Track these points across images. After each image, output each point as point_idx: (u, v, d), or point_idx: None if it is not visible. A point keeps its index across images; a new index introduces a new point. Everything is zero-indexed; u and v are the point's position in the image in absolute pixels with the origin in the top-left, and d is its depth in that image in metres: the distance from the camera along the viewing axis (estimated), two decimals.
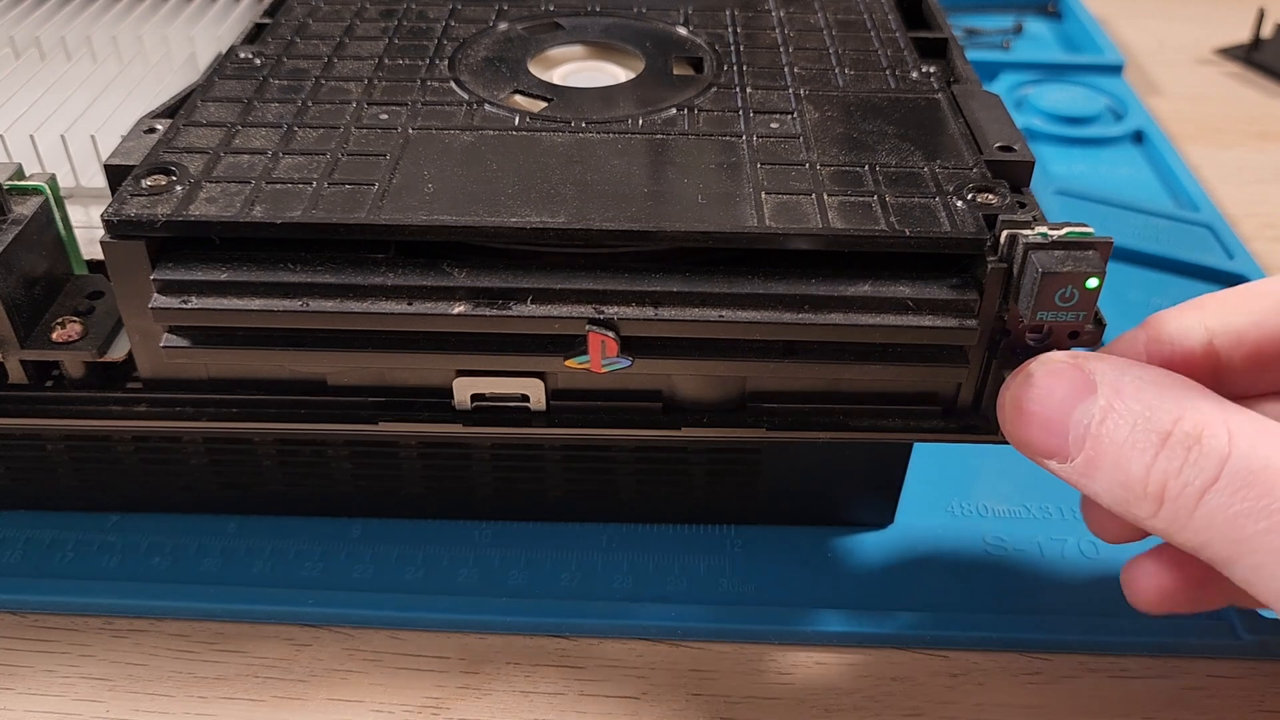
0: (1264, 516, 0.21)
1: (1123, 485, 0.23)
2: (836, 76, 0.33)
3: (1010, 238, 0.25)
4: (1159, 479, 0.23)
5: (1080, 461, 0.24)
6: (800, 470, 0.33)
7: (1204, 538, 0.22)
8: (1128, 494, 0.23)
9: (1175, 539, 0.23)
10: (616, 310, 0.26)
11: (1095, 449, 0.23)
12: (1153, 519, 0.23)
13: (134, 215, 0.25)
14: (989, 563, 0.34)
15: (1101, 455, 0.23)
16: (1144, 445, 0.23)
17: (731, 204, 0.27)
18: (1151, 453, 0.23)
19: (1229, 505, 0.22)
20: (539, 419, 0.29)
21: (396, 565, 0.34)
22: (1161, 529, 0.23)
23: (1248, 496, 0.22)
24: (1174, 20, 0.74)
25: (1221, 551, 0.22)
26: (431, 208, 0.26)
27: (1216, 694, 0.31)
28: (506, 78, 0.33)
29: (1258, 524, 0.21)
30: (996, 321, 0.26)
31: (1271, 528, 0.21)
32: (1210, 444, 0.22)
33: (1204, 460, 0.22)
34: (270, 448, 0.33)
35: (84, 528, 0.35)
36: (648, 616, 0.32)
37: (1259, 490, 0.21)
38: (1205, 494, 0.22)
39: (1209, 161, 0.56)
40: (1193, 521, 0.22)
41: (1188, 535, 0.23)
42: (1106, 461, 0.23)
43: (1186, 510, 0.22)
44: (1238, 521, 0.22)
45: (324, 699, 0.31)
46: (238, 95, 0.31)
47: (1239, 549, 0.22)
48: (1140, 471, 0.23)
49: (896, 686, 0.31)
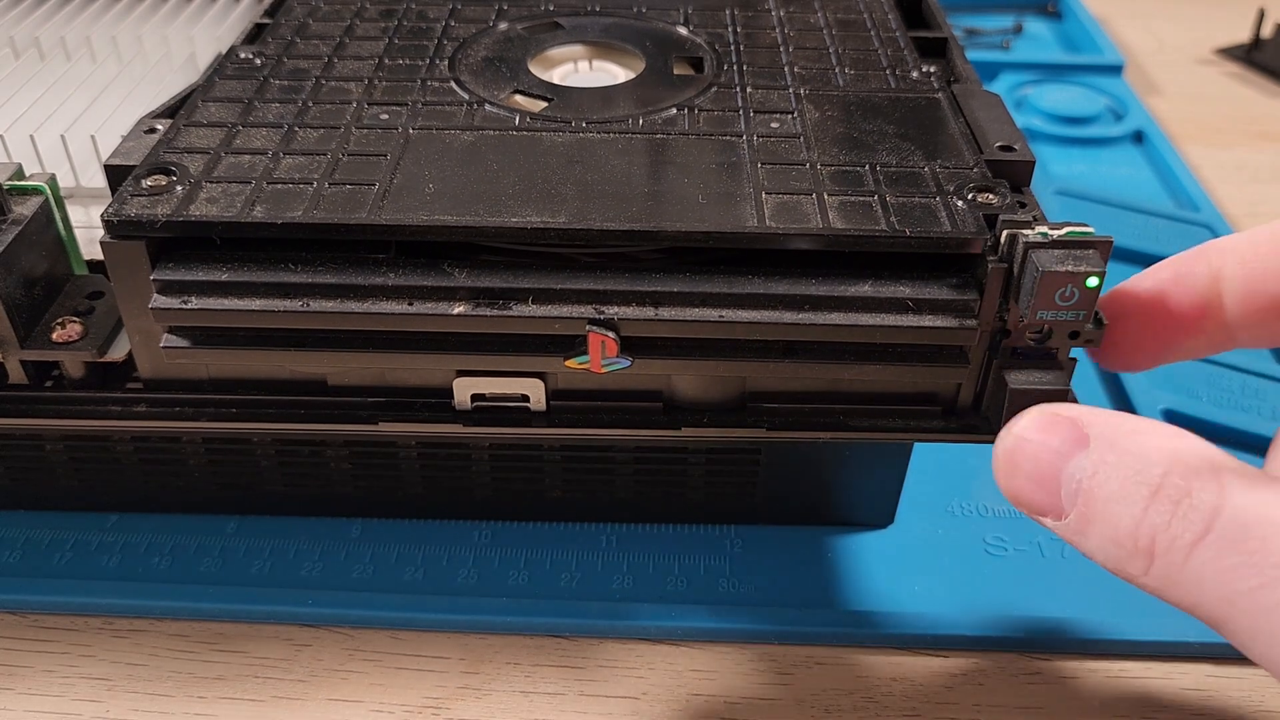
0: (1256, 573, 0.20)
1: (1114, 542, 0.22)
2: (836, 76, 0.33)
3: (1010, 237, 0.25)
4: (1148, 533, 0.21)
5: (1073, 519, 0.23)
6: (800, 470, 0.33)
7: (1195, 596, 0.21)
8: (1120, 550, 0.22)
9: (1169, 597, 0.22)
10: (616, 310, 0.26)
11: (1087, 505, 0.22)
12: (1145, 576, 0.22)
13: (134, 215, 0.25)
14: (989, 563, 0.34)
15: (1093, 511, 0.22)
16: (1134, 499, 0.22)
17: (732, 204, 0.27)
18: (1141, 506, 0.21)
19: (1219, 560, 0.20)
20: (539, 419, 0.29)
21: (396, 565, 0.34)
22: (1155, 587, 0.22)
23: (1240, 551, 0.20)
24: (1174, 20, 0.74)
25: (1214, 611, 0.21)
26: (432, 208, 0.26)
27: (1216, 695, 0.31)
28: (507, 78, 0.33)
29: (1249, 581, 0.20)
30: (997, 321, 0.26)
31: (1265, 584, 0.20)
32: (1201, 497, 0.21)
33: (1194, 513, 0.21)
34: (270, 448, 0.33)
35: (83, 528, 0.35)
36: (647, 617, 0.32)
37: (1251, 545, 0.20)
38: (1195, 548, 0.21)
39: (1209, 161, 0.56)
40: (1184, 578, 0.21)
41: (1180, 593, 0.21)
42: (1097, 517, 0.22)
43: (1177, 566, 0.21)
44: (1228, 577, 0.20)
45: (324, 699, 0.31)
46: (238, 95, 0.31)
47: (1231, 608, 0.20)
48: (1130, 526, 0.22)
49: (896, 687, 0.31)
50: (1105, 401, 0.40)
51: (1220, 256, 0.26)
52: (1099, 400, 0.40)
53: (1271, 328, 0.26)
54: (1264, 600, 0.20)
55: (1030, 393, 0.26)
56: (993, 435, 0.27)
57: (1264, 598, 0.20)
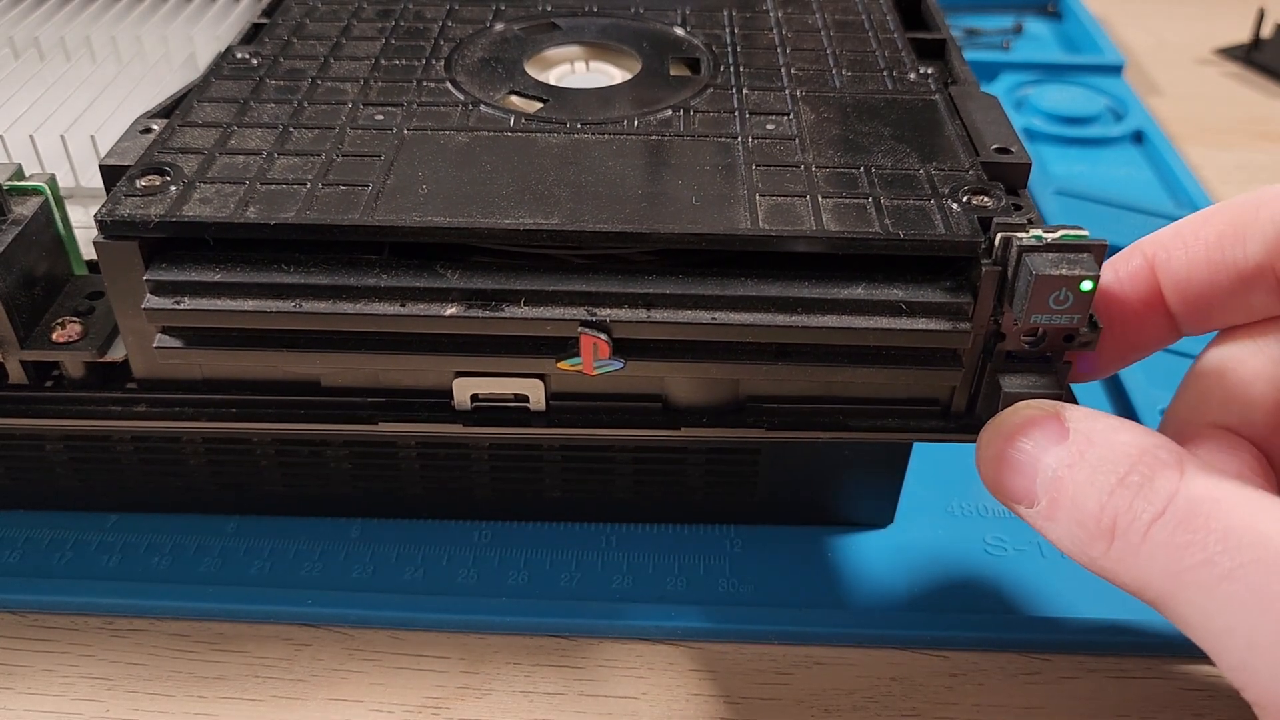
0: (1200, 549, 0.21)
1: (1079, 523, 0.23)
2: (833, 77, 0.33)
3: (1005, 240, 0.25)
4: (1111, 514, 0.23)
5: (1044, 505, 0.24)
6: (799, 470, 0.33)
7: (1146, 574, 0.22)
8: (1083, 532, 0.23)
9: (1123, 578, 0.23)
10: (609, 312, 0.26)
11: (1058, 492, 0.24)
12: (1104, 558, 0.23)
13: (127, 215, 0.26)
14: (988, 563, 0.34)
15: (1062, 497, 0.23)
16: (1101, 485, 0.23)
17: (726, 206, 0.27)
18: (1107, 491, 0.23)
19: (1171, 538, 0.22)
20: (538, 419, 0.29)
21: (396, 565, 0.34)
22: (1110, 568, 0.23)
23: (1188, 529, 0.22)
24: (1174, 20, 0.73)
25: (1161, 588, 0.22)
26: (425, 209, 0.26)
27: (1216, 695, 0.31)
28: (502, 78, 0.33)
29: (1194, 557, 0.21)
30: (991, 325, 0.26)
31: (1206, 560, 0.21)
32: (1160, 482, 0.22)
33: (1153, 495, 0.22)
34: (269, 448, 0.33)
35: (83, 528, 0.35)
36: (647, 617, 0.32)
37: (1197, 524, 0.22)
38: (1151, 527, 0.22)
39: (1209, 162, 0.56)
40: (1139, 556, 0.22)
41: (1134, 573, 0.23)
42: (1066, 502, 0.23)
43: (1134, 545, 0.22)
44: (1177, 555, 0.22)
45: (324, 699, 0.31)
46: (234, 96, 0.31)
47: (1175, 584, 0.22)
48: (1094, 509, 0.23)
49: (896, 687, 0.31)
50: (1105, 402, 0.40)
51: (1153, 249, 0.27)
52: (1099, 401, 0.40)
53: (1208, 314, 0.27)
54: (1204, 576, 0.21)
55: (1024, 396, 0.26)
56: None
57: (1204, 574, 0.21)
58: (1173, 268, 0.27)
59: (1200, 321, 0.28)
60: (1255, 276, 0.26)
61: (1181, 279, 0.27)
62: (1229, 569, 0.21)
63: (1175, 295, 0.27)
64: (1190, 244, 0.27)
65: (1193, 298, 0.27)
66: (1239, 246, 0.26)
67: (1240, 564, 0.21)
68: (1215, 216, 0.27)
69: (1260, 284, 0.26)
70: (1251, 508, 0.22)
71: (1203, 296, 0.27)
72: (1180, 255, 0.27)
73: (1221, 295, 0.27)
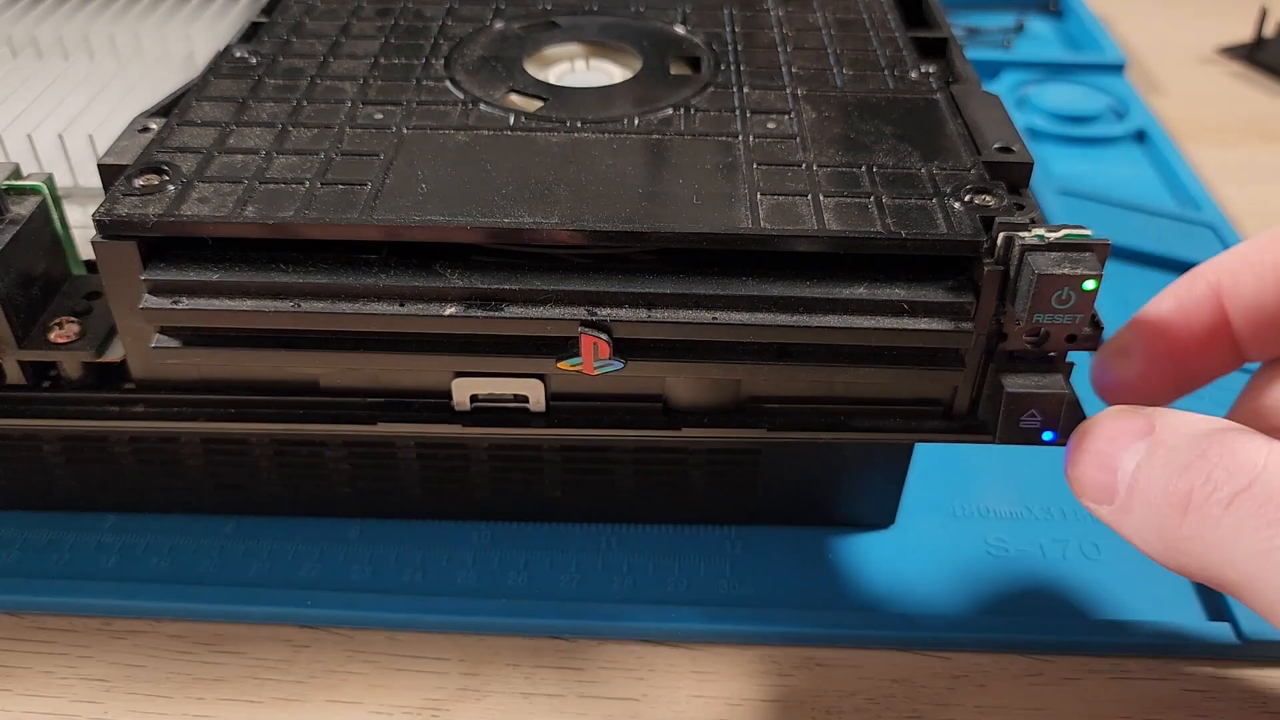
0: None
1: (1151, 504, 0.22)
2: (835, 76, 0.33)
3: (1007, 240, 0.25)
4: (1186, 486, 0.21)
5: (1123, 496, 0.23)
6: (800, 471, 0.33)
7: (1226, 552, 0.21)
8: (1155, 513, 0.22)
9: (1200, 560, 0.22)
10: (609, 312, 0.26)
11: (1135, 480, 0.23)
12: (1178, 534, 0.22)
13: (125, 215, 0.25)
14: (990, 564, 0.34)
15: (1139, 482, 0.23)
16: (1178, 461, 0.22)
17: (727, 205, 0.26)
18: (1183, 466, 0.22)
19: (1256, 515, 0.20)
20: (538, 420, 0.29)
21: (395, 566, 0.34)
22: (1186, 547, 0.22)
23: (1275, 507, 0.20)
24: (1176, 19, 0.73)
25: (1241, 569, 0.21)
26: (425, 208, 0.26)
27: (1218, 696, 0.31)
28: (502, 77, 0.33)
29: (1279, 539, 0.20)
30: (993, 324, 0.26)
31: None
32: (1244, 457, 0.21)
33: (1237, 469, 0.21)
34: (268, 448, 0.33)
35: (81, 528, 0.35)
36: (647, 618, 0.32)
37: None
38: (1236, 499, 0.21)
39: (1211, 161, 0.56)
40: (1220, 530, 0.21)
41: (1214, 551, 0.21)
42: (1140, 490, 0.22)
43: (1212, 520, 0.21)
44: (1263, 534, 0.20)
45: (323, 700, 0.31)
46: (232, 94, 0.31)
47: (1256, 565, 0.20)
48: (1167, 483, 0.22)
49: (897, 688, 0.31)
50: None
51: (1217, 275, 0.26)
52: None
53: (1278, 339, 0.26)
54: None
55: (1027, 396, 0.26)
56: (992, 436, 0.27)
57: None
58: (1241, 294, 0.26)
59: (1269, 347, 0.27)
60: None
61: (1252, 306, 0.26)
62: None
63: (1244, 322, 0.26)
64: (1257, 268, 0.26)
65: (1264, 324, 0.26)
66: None
67: None
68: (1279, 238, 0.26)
69: None
70: None
71: (1275, 321, 0.26)
72: (1249, 280, 0.26)
73: None
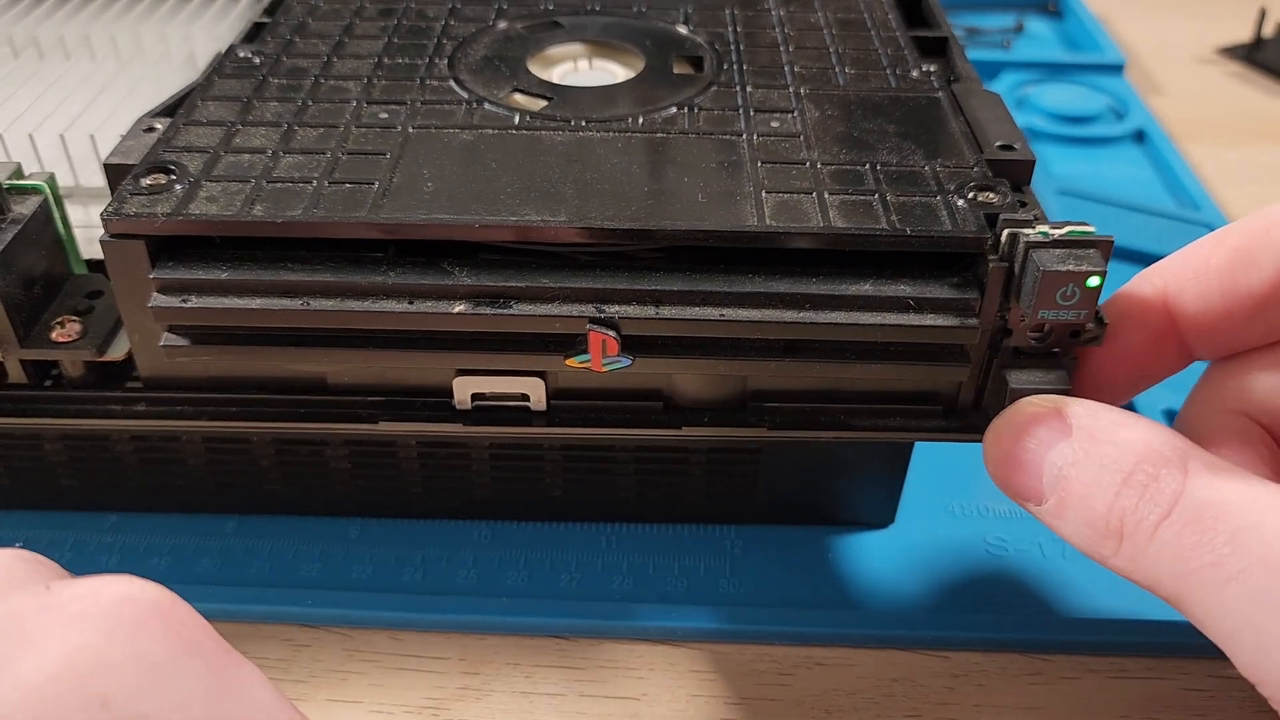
0: (1208, 551, 0.21)
1: (1088, 524, 0.23)
2: (837, 75, 0.33)
3: (1011, 236, 0.25)
4: (1118, 515, 0.23)
5: (1052, 503, 0.24)
6: (800, 470, 0.33)
7: (1156, 574, 0.22)
8: (1092, 531, 0.23)
9: (1135, 576, 0.23)
10: (617, 309, 0.26)
11: (1065, 490, 0.24)
12: (1115, 557, 0.23)
13: (133, 214, 0.25)
14: (990, 563, 0.34)
15: (1070, 496, 0.24)
16: (1107, 485, 0.23)
17: (732, 203, 0.27)
18: (1114, 491, 0.23)
19: (1179, 539, 0.22)
20: (539, 418, 0.29)
21: (395, 565, 0.34)
22: (1122, 566, 0.23)
23: (1195, 530, 0.22)
24: (1175, 19, 0.73)
25: (1173, 588, 0.22)
26: (431, 206, 0.26)
27: (1217, 695, 0.31)
28: (506, 76, 0.33)
29: (1202, 558, 0.21)
30: (998, 320, 0.26)
31: (1215, 562, 0.21)
32: (1166, 481, 0.22)
33: (1159, 496, 0.22)
34: (269, 447, 0.33)
35: (82, 528, 0.34)
36: (647, 617, 0.32)
37: (1204, 525, 0.22)
38: (1158, 528, 0.22)
39: (1210, 161, 0.56)
40: (1147, 557, 0.22)
41: (1144, 572, 0.23)
42: (1074, 502, 0.24)
43: (1142, 546, 0.22)
44: (1186, 555, 0.22)
45: (323, 699, 0.30)
46: (237, 94, 0.31)
47: (1186, 585, 0.22)
48: (1103, 509, 0.23)
49: (897, 687, 0.31)
50: None
51: (1162, 280, 0.27)
52: None
53: (1224, 341, 0.27)
54: (1213, 577, 0.21)
55: (1031, 393, 0.26)
56: None
57: (1213, 575, 0.21)
58: (1185, 299, 0.26)
59: (1215, 348, 0.27)
60: (1271, 300, 0.26)
61: (1196, 310, 0.26)
62: (1236, 571, 0.21)
63: (1190, 326, 0.27)
64: (1201, 273, 0.26)
65: (1208, 327, 0.26)
66: (1252, 271, 0.26)
67: (1247, 566, 0.21)
68: (1224, 242, 0.26)
69: (1276, 306, 0.26)
70: (1260, 506, 0.22)
71: (1218, 325, 0.26)
72: (1192, 286, 0.26)
73: (1238, 322, 0.26)
